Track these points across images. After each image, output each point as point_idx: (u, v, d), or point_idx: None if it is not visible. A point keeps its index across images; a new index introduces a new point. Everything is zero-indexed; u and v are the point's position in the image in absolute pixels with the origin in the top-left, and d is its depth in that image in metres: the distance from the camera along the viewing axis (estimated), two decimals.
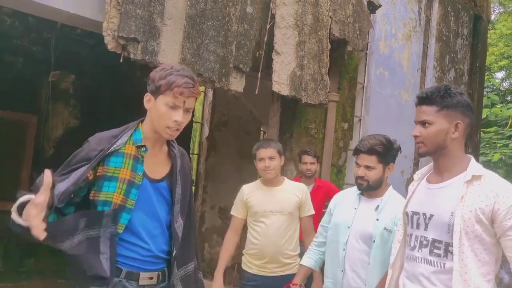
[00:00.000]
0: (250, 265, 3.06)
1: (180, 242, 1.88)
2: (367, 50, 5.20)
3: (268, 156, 3.00)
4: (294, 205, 3.05)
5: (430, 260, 1.84)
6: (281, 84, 3.98)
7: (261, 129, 6.98)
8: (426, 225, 1.87)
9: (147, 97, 1.80)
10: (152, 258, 1.82)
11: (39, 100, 5.74)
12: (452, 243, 1.77)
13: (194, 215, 2.08)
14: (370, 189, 2.49)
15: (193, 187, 8.64)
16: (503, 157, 12.76)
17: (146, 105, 1.81)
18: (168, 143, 1.94)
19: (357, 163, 2.49)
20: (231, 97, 6.18)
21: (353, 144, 5.13)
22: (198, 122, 7.76)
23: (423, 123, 1.87)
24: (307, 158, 4.14)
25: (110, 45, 3.20)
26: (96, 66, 5.88)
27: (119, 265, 1.75)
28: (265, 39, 4.06)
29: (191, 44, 3.54)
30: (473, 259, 1.74)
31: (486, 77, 15.22)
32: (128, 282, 1.76)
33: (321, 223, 2.77)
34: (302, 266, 2.76)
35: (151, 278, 1.81)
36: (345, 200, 2.63)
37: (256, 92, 3.88)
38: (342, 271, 2.46)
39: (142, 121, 1.88)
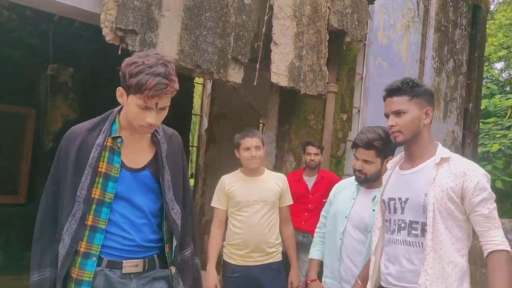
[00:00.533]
0: (233, 256, 3.04)
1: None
2: (365, 40, 5.20)
3: (254, 146, 3.00)
4: (276, 194, 3.07)
5: (409, 241, 1.97)
6: (279, 75, 3.98)
7: (261, 121, 6.98)
8: (403, 209, 2.01)
9: (119, 91, 1.70)
10: (136, 248, 1.78)
11: (37, 94, 5.73)
12: (427, 223, 1.90)
13: (190, 199, 2.01)
14: (368, 182, 2.51)
15: (191, 175, 8.61)
16: (502, 148, 12.79)
17: (119, 99, 1.72)
18: None
19: (355, 156, 2.50)
20: (230, 89, 6.17)
21: (352, 135, 5.14)
22: (197, 115, 7.76)
23: (398, 113, 2.01)
24: (311, 149, 4.18)
25: (108, 37, 3.20)
26: (95, 59, 5.86)
27: (101, 254, 1.72)
28: (263, 30, 4.06)
29: (189, 35, 3.54)
30: (447, 236, 1.88)
31: (485, 67, 15.21)
32: (111, 271, 1.74)
33: (322, 213, 2.80)
34: (313, 260, 2.77)
35: (136, 265, 1.78)
36: (344, 190, 2.66)
37: (255, 83, 3.88)
38: (339, 260, 2.50)
39: (120, 110, 1.80)
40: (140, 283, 1.79)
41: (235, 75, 3.84)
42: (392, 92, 2.04)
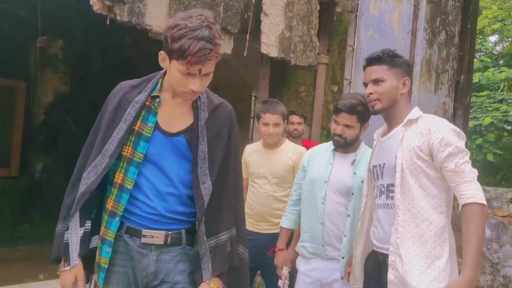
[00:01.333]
0: (247, 221, 3.15)
1: (207, 207, 1.68)
2: (357, 12, 5.16)
3: (274, 122, 3.02)
4: (287, 168, 3.09)
5: (388, 204, 2.04)
6: (269, 46, 3.97)
7: (253, 94, 6.97)
8: (382, 174, 2.09)
9: (161, 55, 1.61)
10: (157, 217, 1.67)
11: (27, 66, 5.70)
12: (395, 183, 1.97)
13: (236, 178, 1.83)
14: (346, 146, 2.58)
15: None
16: (494, 121, 12.86)
17: (161, 63, 1.63)
18: None
19: (336, 121, 2.55)
20: (222, 63, 6.14)
21: None
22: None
23: (376, 81, 2.07)
24: (294, 118, 4.13)
25: (96, 6, 3.17)
26: (85, 31, 5.82)
27: (122, 219, 1.67)
28: (254, 0, 4.03)
29: (178, 5, 3.51)
30: (422, 194, 1.93)
31: (479, 40, 15.16)
32: (131, 238, 1.67)
33: (295, 181, 2.85)
34: (283, 229, 2.84)
35: (157, 237, 1.67)
36: (319, 156, 2.70)
37: (245, 54, 3.87)
38: (321, 224, 2.55)
39: (165, 73, 1.72)
40: (162, 258, 1.68)
41: (225, 46, 3.82)
42: (371, 61, 2.11)
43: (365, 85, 2.13)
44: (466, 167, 1.87)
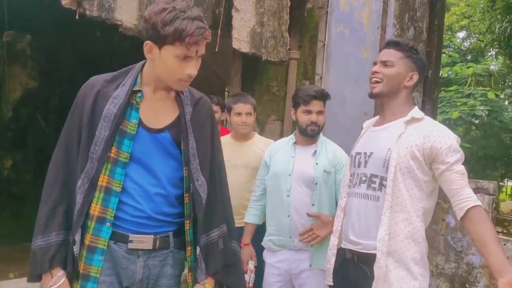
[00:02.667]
0: None
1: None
2: (327, 8, 5.23)
3: (246, 112, 3.06)
4: (260, 160, 3.07)
5: (368, 194, 1.99)
6: (241, 41, 3.99)
7: (226, 89, 6.98)
8: (366, 163, 2.03)
9: (148, 45, 1.52)
10: (146, 220, 1.59)
11: None
12: (386, 177, 1.92)
13: (221, 174, 1.80)
14: (318, 134, 2.65)
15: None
16: (462, 115, 13.21)
17: (147, 55, 1.54)
18: None
19: (308, 111, 2.59)
20: None
21: None
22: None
23: (385, 63, 2.03)
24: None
25: (65, 1, 3.13)
26: (54, 25, 5.70)
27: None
28: None
29: (149, 0, 3.50)
30: (405, 194, 1.90)
31: (447, 36, 15.53)
32: (116, 244, 1.56)
33: (258, 177, 2.89)
34: (247, 224, 2.88)
35: (144, 242, 1.59)
36: (280, 151, 2.77)
37: (216, 49, 3.88)
38: (288, 216, 2.60)
39: (143, 65, 1.64)
40: (149, 263, 1.61)
41: None
42: (392, 44, 2.08)
43: (375, 64, 2.08)
44: (466, 174, 1.91)
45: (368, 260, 1.92)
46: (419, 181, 1.91)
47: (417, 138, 1.91)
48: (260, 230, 2.88)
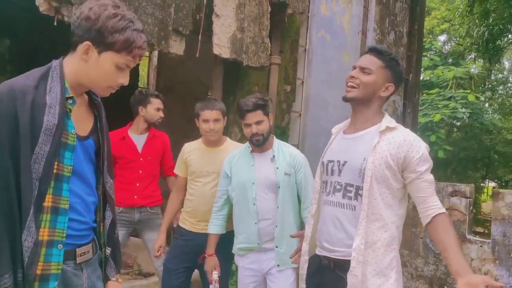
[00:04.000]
0: (185, 221, 3.15)
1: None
2: (308, 13, 5.28)
3: (213, 118, 2.99)
4: None
5: (343, 203, 1.99)
6: (221, 47, 4.01)
7: (209, 93, 6.99)
8: (340, 171, 2.03)
9: (86, 46, 1.44)
10: (87, 231, 1.57)
11: None
12: (362, 187, 1.93)
13: (111, 169, 1.74)
14: (264, 142, 2.71)
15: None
16: (444, 118, 13.39)
17: (83, 55, 1.46)
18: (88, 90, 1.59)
19: (246, 124, 2.68)
20: (177, 62, 6.14)
21: (296, 106, 5.27)
22: (144, 88, 7.66)
23: (364, 70, 2.01)
24: (155, 102, 3.68)
25: (42, 7, 3.12)
26: (33, 30, 5.65)
27: None
28: (205, 1, 4.05)
29: (128, 7, 3.48)
30: (381, 202, 1.92)
31: (428, 40, 15.74)
32: (65, 263, 1.47)
33: (219, 188, 2.91)
34: (211, 235, 2.89)
35: (88, 251, 1.57)
36: (240, 160, 2.82)
37: (197, 55, 3.90)
38: (256, 223, 2.68)
39: (62, 62, 1.51)
40: (89, 272, 1.58)
41: (177, 47, 3.83)
42: (373, 50, 2.06)
43: (354, 68, 2.07)
44: (434, 183, 1.97)
45: (345, 266, 1.93)
46: (393, 189, 1.94)
47: (391, 148, 1.93)
48: (228, 238, 2.91)
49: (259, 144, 2.69)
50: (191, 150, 3.16)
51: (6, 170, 1.34)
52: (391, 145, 1.93)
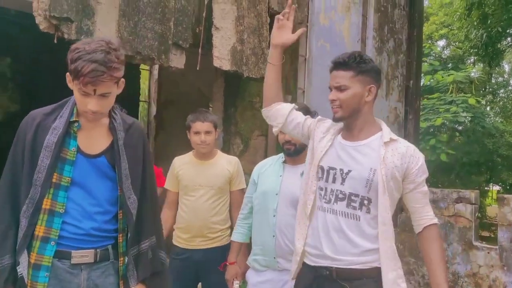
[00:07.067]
0: (179, 239, 3.06)
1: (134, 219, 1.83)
2: (307, 22, 5.29)
3: (204, 130, 2.95)
4: (225, 179, 3.03)
5: (347, 213, 1.98)
6: (221, 59, 4.02)
7: (210, 105, 7.01)
8: (343, 180, 2.00)
9: (68, 77, 1.71)
10: (87, 237, 1.76)
11: None
12: (367, 197, 1.95)
13: (151, 190, 1.97)
14: (297, 153, 2.60)
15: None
16: (446, 122, 13.36)
17: (68, 84, 1.73)
18: (110, 114, 1.84)
19: (282, 131, 2.57)
20: (177, 75, 6.16)
21: None
22: (145, 101, 7.69)
23: (340, 88, 1.99)
24: None
25: (42, 25, 3.14)
26: (34, 48, 5.69)
27: None
28: (204, 14, 4.07)
29: (128, 22, 3.51)
30: (390, 212, 1.97)
31: (428, 45, 15.76)
32: (59, 261, 1.73)
33: (246, 195, 2.85)
34: (234, 243, 2.85)
35: (86, 256, 1.76)
36: (269, 169, 2.73)
37: (198, 68, 3.91)
38: (273, 236, 2.56)
39: None
40: (93, 275, 1.77)
41: (177, 61, 3.85)
42: (338, 65, 2.02)
43: (330, 89, 2.06)
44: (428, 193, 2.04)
45: (349, 275, 1.94)
46: (394, 200, 2.00)
47: (395, 159, 1.96)
48: (204, 254, 2.92)
49: (291, 153, 2.60)
50: (182, 164, 3.09)
51: (18, 177, 1.73)
52: (395, 156, 1.96)
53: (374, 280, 1.93)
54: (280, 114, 2.25)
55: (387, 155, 1.96)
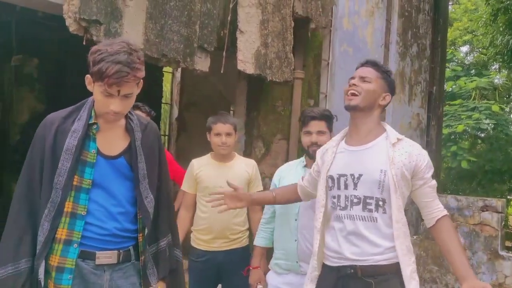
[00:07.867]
0: (198, 241, 3.05)
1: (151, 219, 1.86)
2: (331, 27, 5.28)
3: (225, 132, 2.98)
4: (244, 181, 3.04)
5: (364, 216, 2.02)
6: (245, 62, 4.03)
7: (231, 108, 7.03)
8: (355, 185, 2.04)
9: (87, 79, 1.73)
10: (111, 237, 1.79)
11: (2, 85, 5.65)
12: (381, 198, 1.99)
13: (167, 190, 2.02)
14: None
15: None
16: (467, 128, 13.17)
17: (88, 87, 1.75)
18: (126, 115, 1.86)
19: (308, 132, 2.59)
20: (199, 77, 6.19)
21: None
22: (167, 103, 7.75)
23: (364, 79, 2.09)
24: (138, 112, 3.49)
25: (72, 27, 3.19)
26: (61, 49, 5.79)
27: None
28: (229, 18, 4.09)
29: (154, 25, 3.55)
30: (401, 210, 2.02)
31: (451, 51, 15.58)
32: (84, 261, 1.75)
33: None
34: (257, 247, 2.84)
35: (110, 257, 1.78)
36: (290, 173, 2.73)
37: (222, 71, 3.93)
38: (295, 240, 2.56)
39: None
40: (115, 276, 1.79)
41: (202, 64, 3.87)
42: (369, 63, 2.17)
43: (352, 78, 2.14)
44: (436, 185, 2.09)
45: (373, 272, 1.98)
46: (404, 198, 2.04)
47: (403, 158, 2.02)
48: (226, 256, 2.92)
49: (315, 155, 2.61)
50: (201, 165, 3.09)
51: (35, 182, 1.73)
52: (402, 155, 2.02)
53: (396, 275, 1.98)
54: (305, 193, 2.41)
55: (395, 155, 2.02)
